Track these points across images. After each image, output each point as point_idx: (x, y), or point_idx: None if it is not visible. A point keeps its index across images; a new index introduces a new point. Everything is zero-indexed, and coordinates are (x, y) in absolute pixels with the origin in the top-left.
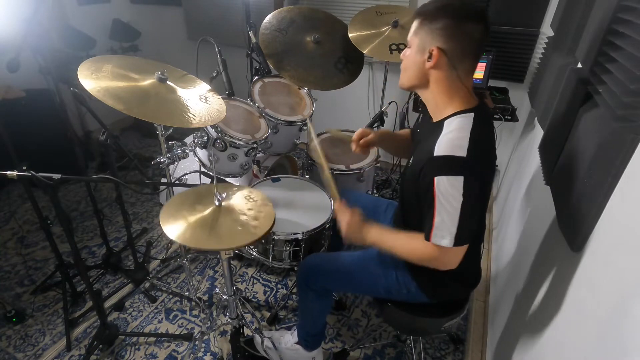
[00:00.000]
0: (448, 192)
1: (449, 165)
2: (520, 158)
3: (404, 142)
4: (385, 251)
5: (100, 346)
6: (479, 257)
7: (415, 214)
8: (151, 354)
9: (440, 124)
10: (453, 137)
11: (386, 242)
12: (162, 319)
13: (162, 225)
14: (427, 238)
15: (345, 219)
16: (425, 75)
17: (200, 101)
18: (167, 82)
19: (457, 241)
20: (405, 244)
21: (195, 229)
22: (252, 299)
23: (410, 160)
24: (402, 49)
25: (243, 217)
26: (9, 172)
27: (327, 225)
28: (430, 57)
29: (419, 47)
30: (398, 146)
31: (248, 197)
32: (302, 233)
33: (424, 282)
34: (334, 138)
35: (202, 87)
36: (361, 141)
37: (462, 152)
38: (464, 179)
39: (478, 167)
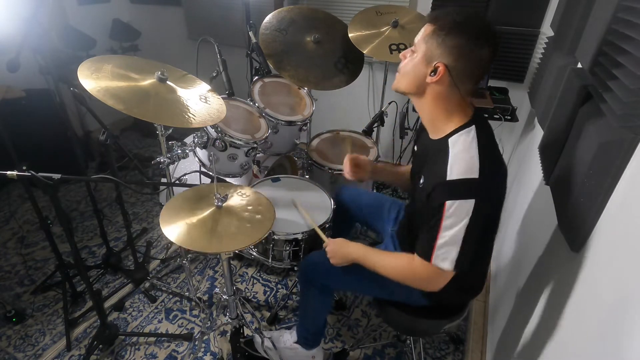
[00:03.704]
0: (456, 216)
1: (462, 188)
2: (520, 158)
3: (402, 177)
4: (371, 269)
5: (100, 346)
6: (486, 269)
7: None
8: (151, 354)
9: (443, 143)
10: (463, 158)
11: (370, 260)
12: (162, 319)
13: (163, 230)
14: (428, 258)
15: (329, 248)
16: (423, 86)
17: (200, 101)
18: (167, 82)
19: (457, 265)
20: (391, 263)
21: (197, 232)
22: (252, 299)
23: (421, 180)
24: (402, 49)
25: (245, 214)
26: (9, 172)
27: (327, 225)
28: (434, 71)
29: (425, 56)
30: (394, 180)
31: (242, 194)
32: (302, 233)
33: None
34: (334, 138)
35: (202, 87)
36: (351, 165)
37: (475, 174)
38: (475, 202)
39: (492, 187)
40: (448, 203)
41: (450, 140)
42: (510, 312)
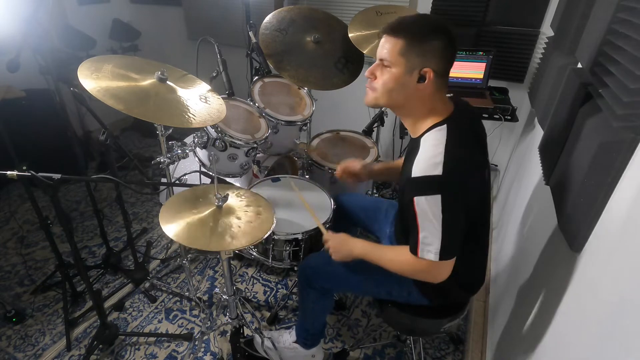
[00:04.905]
0: (428, 210)
1: (425, 185)
2: (520, 158)
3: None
4: (375, 264)
5: (100, 346)
6: (484, 263)
7: None
8: (151, 354)
9: (417, 142)
10: (428, 156)
11: (373, 255)
12: (162, 319)
13: (162, 227)
14: (415, 253)
15: (331, 243)
16: (412, 95)
17: (200, 101)
18: (167, 82)
19: (443, 255)
20: (394, 258)
21: (197, 231)
22: (252, 299)
23: (402, 178)
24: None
25: (245, 212)
26: (9, 172)
27: (327, 225)
28: (421, 79)
29: (406, 67)
30: (393, 177)
31: (240, 195)
32: (302, 233)
33: (425, 287)
34: (333, 138)
35: (202, 87)
36: (344, 174)
37: (438, 171)
38: (442, 197)
39: (456, 183)
40: (416, 199)
41: (423, 138)
42: (510, 312)
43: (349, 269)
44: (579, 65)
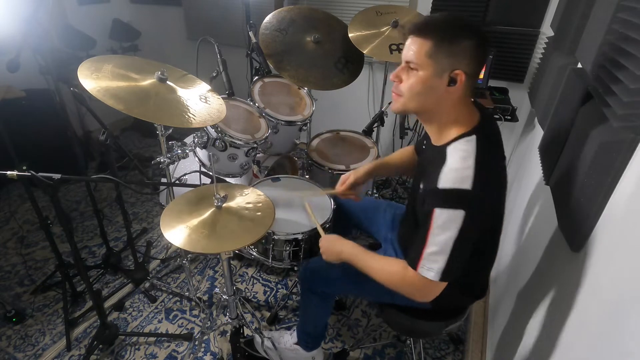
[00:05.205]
0: (445, 225)
1: (452, 198)
2: (520, 158)
3: (400, 166)
4: (362, 270)
5: (100, 346)
6: (489, 275)
7: None
8: (151, 354)
9: (443, 151)
10: (457, 168)
11: (361, 260)
12: (162, 319)
13: (164, 234)
14: (414, 267)
15: (321, 243)
16: (441, 99)
17: (200, 101)
18: (167, 82)
19: (444, 276)
20: (384, 266)
21: (198, 233)
22: (252, 299)
23: (421, 185)
24: (402, 49)
25: (245, 212)
26: (9, 172)
27: (327, 225)
28: (452, 81)
29: (436, 70)
30: (395, 171)
31: (242, 193)
32: (302, 233)
33: None
34: (334, 138)
35: (202, 87)
36: (342, 188)
37: (468, 185)
38: (465, 214)
39: (484, 200)
40: (437, 211)
41: (449, 148)
42: (510, 312)
43: (349, 273)
44: (579, 66)
